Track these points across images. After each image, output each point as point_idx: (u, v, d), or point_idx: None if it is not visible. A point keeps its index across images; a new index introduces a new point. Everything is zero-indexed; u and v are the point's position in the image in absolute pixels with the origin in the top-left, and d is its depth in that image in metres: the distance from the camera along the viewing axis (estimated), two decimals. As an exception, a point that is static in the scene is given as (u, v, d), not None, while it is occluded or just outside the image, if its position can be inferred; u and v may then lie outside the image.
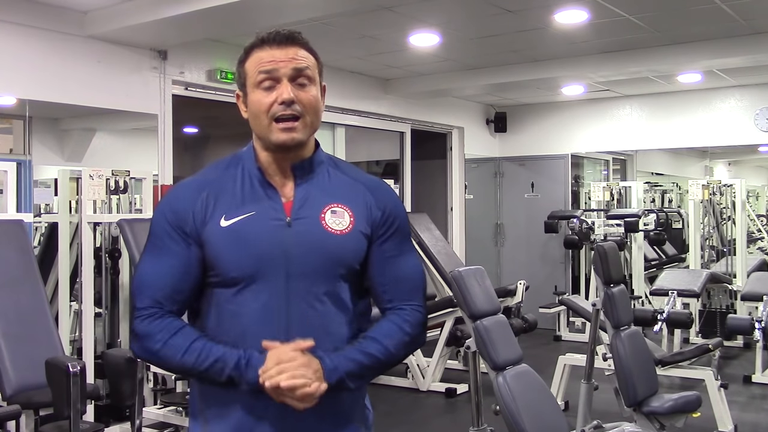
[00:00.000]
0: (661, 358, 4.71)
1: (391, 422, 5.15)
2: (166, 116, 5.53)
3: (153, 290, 1.54)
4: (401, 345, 1.58)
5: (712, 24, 5.67)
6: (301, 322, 1.52)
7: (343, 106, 7.16)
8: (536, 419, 3.02)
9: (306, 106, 1.54)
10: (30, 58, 4.75)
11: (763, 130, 7.81)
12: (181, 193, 1.60)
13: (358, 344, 1.54)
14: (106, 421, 4.46)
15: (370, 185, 1.63)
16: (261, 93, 1.54)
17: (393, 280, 1.60)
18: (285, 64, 1.53)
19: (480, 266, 3.49)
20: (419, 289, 1.65)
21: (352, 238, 1.56)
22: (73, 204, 4.81)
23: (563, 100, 8.86)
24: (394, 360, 1.59)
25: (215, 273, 1.54)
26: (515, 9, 5.21)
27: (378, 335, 1.56)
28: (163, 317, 1.53)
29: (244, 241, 1.52)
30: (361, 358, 1.52)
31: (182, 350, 1.50)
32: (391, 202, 1.64)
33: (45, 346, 3.72)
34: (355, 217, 1.57)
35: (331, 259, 1.54)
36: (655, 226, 8.79)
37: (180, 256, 1.54)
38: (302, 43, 1.58)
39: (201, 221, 1.54)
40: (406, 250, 1.64)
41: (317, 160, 1.62)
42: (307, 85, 1.55)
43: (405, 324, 1.58)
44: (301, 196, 1.57)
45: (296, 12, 4.67)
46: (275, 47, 1.55)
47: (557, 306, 7.77)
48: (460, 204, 8.73)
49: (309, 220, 1.55)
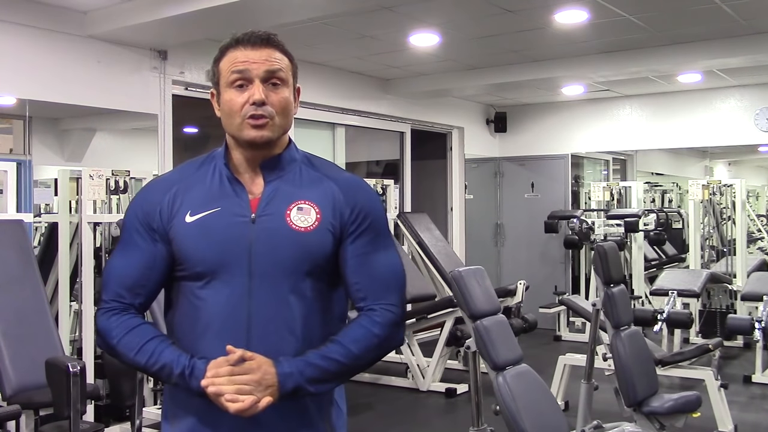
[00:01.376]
0: (661, 358, 4.71)
1: (391, 422, 5.16)
2: (166, 116, 5.53)
3: (116, 284, 1.59)
4: (370, 348, 1.55)
5: (712, 24, 5.67)
6: (263, 319, 1.52)
7: (343, 106, 7.17)
8: (536, 419, 3.02)
9: (276, 107, 1.56)
10: (30, 58, 4.75)
11: (763, 130, 7.81)
12: (151, 189, 1.65)
13: (322, 348, 1.52)
14: (106, 421, 4.47)
15: (341, 183, 1.62)
16: (233, 92, 1.56)
17: (365, 278, 1.59)
18: (258, 65, 1.55)
19: (480, 266, 3.49)
20: (393, 287, 1.61)
21: (317, 235, 1.55)
22: (73, 204, 4.81)
23: (563, 100, 8.86)
24: (363, 363, 1.57)
25: (182, 267, 1.57)
26: (515, 9, 5.21)
27: (343, 339, 1.54)
28: (121, 313, 1.57)
29: (208, 237, 1.54)
30: (322, 363, 1.50)
31: (135, 349, 1.53)
32: (363, 199, 1.61)
33: (45, 346, 3.71)
34: (321, 214, 1.56)
35: (295, 256, 1.53)
36: (655, 226, 8.79)
37: (145, 251, 1.58)
38: (277, 44, 1.59)
39: (168, 217, 1.57)
40: (381, 247, 1.61)
41: (288, 157, 1.62)
42: (279, 86, 1.57)
43: (374, 326, 1.56)
44: (269, 192, 1.58)
45: (296, 12, 4.67)
46: (249, 48, 1.56)
47: (557, 306, 7.77)
48: (460, 204, 8.73)
49: (273, 217, 1.55)
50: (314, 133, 7.15)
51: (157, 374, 1.53)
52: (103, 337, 1.57)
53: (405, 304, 1.64)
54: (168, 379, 1.52)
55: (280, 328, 1.52)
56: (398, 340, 1.62)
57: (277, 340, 1.52)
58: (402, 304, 1.62)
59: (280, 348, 1.51)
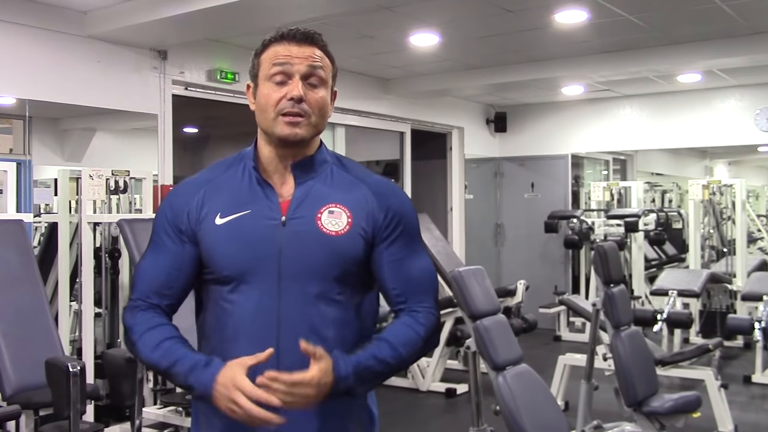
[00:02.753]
0: (661, 358, 4.71)
1: (391, 422, 5.16)
2: (166, 116, 5.53)
3: (143, 284, 1.59)
4: (415, 350, 1.55)
5: (712, 24, 5.67)
6: (292, 323, 1.50)
7: (343, 106, 7.16)
8: (536, 419, 3.02)
9: (313, 106, 1.54)
10: (30, 58, 4.74)
11: (763, 130, 7.80)
12: (180, 190, 1.63)
13: (373, 348, 1.50)
14: (106, 421, 4.46)
15: (374, 186, 1.60)
16: (271, 86, 1.54)
17: (404, 282, 1.57)
18: (300, 61, 1.53)
19: (480, 266, 3.49)
20: (431, 291, 1.61)
21: (349, 240, 1.53)
22: (73, 204, 4.81)
23: (563, 100, 8.86)
24: (404, 365, 1.57)
25: (210, 270, 1.55)
26: (515, 9, 5.21)
27: (393, 339, 1.52)
28: (146, 310, 1.56)
29: (237, 240, 1.52)
30: (375, 365, 1.49)
31: (152, 346, 1.52)
32: (396, 203, 1.60)
33: (45, 346, 3.71)
34: (353, 218, 1.54)
35: (325, 260, 1.51)
36: (655, 226, 8.79)
37: (173, 253, 1.57)
38: (321, 44, 1.58)
39: (196, 219, 1.56)
40: (416, 251, 1.60)
41: (319, 159, 1.60)
42: (317, 86, 1.55)
43: (420, 327, 1.55)
44: (300, 195, 1.56)
45: (296, 12, 4.67)
46: (293, 44, 1.55)
47: (557, 306, 7.76)
48: (460, 204, 8.73)
49: (304, 220, 1.53)
50: (314, 133, 7.14)
51: (168, 372, 1.50)
52: (127, 333, 1.57)
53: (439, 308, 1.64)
54: (177, 376, 1.49)
55: (311, 332, 1.49)
56: (436, 342, 1.62)
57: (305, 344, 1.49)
58: (438, 308, 1.62)
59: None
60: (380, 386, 1.60)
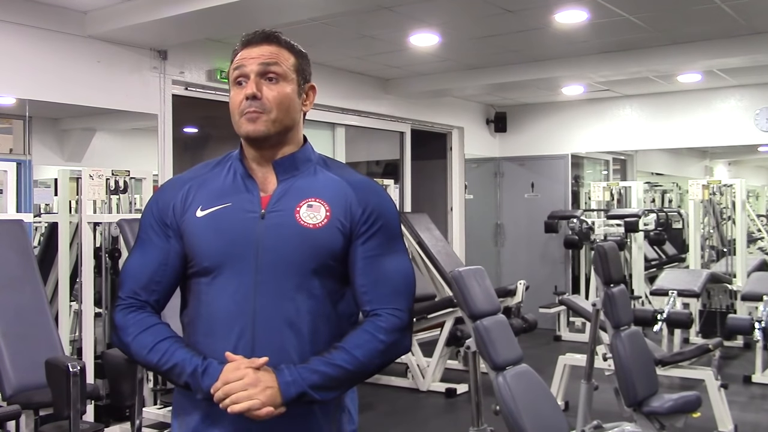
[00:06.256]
0: (661, 358, 4.71)
1: (391, 422, 5.16)
2: (166, 116, 5.53)
3: (132, 281, 1.60)
4: (374, 353, 1.53)
5: (712, 24, 5.67)
6: (268, 315, 1.51)
7: (343, 106, 7.17)
8: (536, 419, 3.02)
9: (271, 102, 1.56)
10: (30, 58, 4.74)
11: (763, 130, 7.81)
12: (166, 187, 1.67)
13: (326, 355, 1.50)
14: (106, 421, 4.46)
15: (355, 184, 1.61)
16: (235, 90, 1.59)
17: (373, 281, 1.57)
18: (253, 60, 1.57)
19: (480, 266, 3.49)
20: (401, 292, 1.59)
21: (326, 233, 1.54)
22: (73, 204, 4.81)
23: (563, 100, 8.86)
24: (369, 369, 1.55)
25: (192, 263, 1.58)
26: (515, 9, 5.21)
27: (348, 345, 1.52)
28: (138, 310, 1.58)
29: (216, 231, 1.55)
30: (326, 370, 1.49)
31: (148, 348, 1.53)
32: (376, 201, 1.60)
33: (45, 346, 3.71)
34: (332, 212, 1.55)
35: (302, 252, 1.53)
36: (655, 226, 8.79)
37: (160, 248, 1.60)
38: (278, 41, 1.61)
39: (180, 213, 1.59)
40: (392, 250, 1.59)
41: (302, 157, 1.62)
42: (276, 81, 1.57)
43: (378, 331, 1.53)
44: (281, 190, 1.58)
45: (296, 12, 4.68)
46: (252, 46, 1.59)
47: (557, 306, 7.76)
48: (460, 204, 8.73)
49: (283, 213, 1.55)
50: (314, 133, 7.15)
51: (168, 374, 1.53)
52: (118, 334, 1.58)
53: (412, 310, 1.61)
54: (179, 379, 1.51)
55: (285, 325, 1.52)
56: (404, 346, 1.59)
57: (282, 338, 1.51)
58: (409, 310, 1.59)
59: (285, 345, 1.51)
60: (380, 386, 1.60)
